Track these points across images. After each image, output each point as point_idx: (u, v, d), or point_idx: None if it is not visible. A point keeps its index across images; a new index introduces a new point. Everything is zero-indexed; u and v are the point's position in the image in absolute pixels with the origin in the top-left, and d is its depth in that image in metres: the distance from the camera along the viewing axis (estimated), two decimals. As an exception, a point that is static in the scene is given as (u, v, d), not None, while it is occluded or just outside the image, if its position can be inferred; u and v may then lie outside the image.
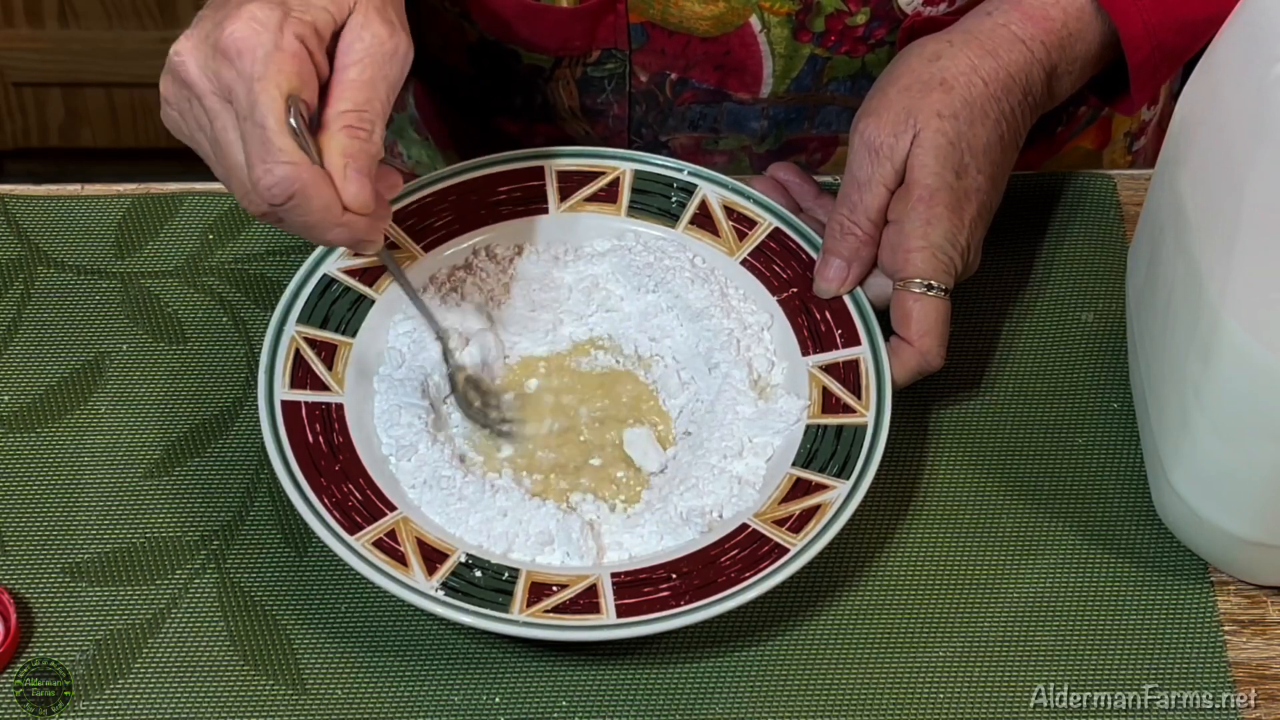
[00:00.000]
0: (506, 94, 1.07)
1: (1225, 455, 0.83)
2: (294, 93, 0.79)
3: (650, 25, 1.00)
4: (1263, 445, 0.81)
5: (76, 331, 0.96)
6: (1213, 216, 0.80)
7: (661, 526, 0.86)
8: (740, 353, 0.92)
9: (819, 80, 1.02)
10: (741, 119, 1.05)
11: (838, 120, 1.05)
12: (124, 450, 0.92)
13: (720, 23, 0.99)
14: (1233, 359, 0.79)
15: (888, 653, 0.86)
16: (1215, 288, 0.79)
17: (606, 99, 1.05)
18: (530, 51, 1.03)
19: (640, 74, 1.03)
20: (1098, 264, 1.00)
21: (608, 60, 1.02)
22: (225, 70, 0.79)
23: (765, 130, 1.05)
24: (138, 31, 2.03)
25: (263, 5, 0.80)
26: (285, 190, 0.79)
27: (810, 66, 1.01)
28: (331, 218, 0.81)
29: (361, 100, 0.81)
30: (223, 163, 0.82)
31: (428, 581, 0.83)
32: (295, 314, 0.92)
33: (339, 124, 0.81)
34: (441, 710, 0.84)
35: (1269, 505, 0.83)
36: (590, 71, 1.03)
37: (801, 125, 1.05)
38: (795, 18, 0.98)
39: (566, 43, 1.02)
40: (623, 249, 0.96)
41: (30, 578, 0.87)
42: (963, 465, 0.92)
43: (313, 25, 0.80)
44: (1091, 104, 1.10)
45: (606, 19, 1.00)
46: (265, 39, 0.79)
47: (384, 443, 0.89)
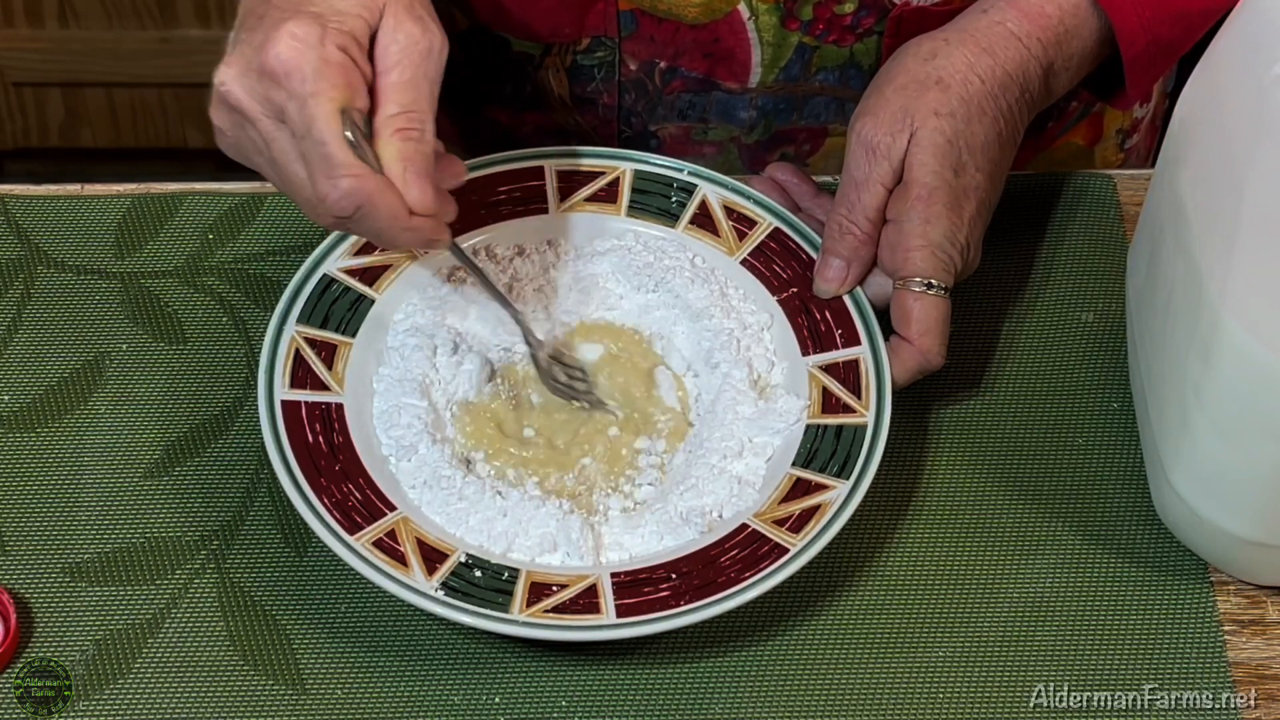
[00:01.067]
0: (496, 82, 1.07)
1: (1225, 455, 0.83)
2: (346, 104, 0.80)
3: (640, 12, 1.00)
4: (1263, 445, 0.81)
5: (76, 331, 0.96)
6: (1213, 216, 0.80)
7: (661, 526, 0.86)
8: (740, 353, 0.92)
9: (807, 70, 1.02)
10: (730, 109, 1.05)
11: (826, 111, 1.05)
12: (124, 450, 0.92)
13: (709, 9, 0.99)
14: (1233, 359, 0.79)
15: (888, 653, 0.86)
16: (1215, 287, 0.79)
17: (596, 87, 1.05)
18: (520, 39, 1.04)
19: (629, 62, 1.03)
20: (1098, 264, 1.00)
21: (597, 48, 1.03)
22: (275, 92, 0.80)
23: (754, 121, 1.05)
24: (138, 31, 2.03)
25: (299, 22, 0.80)
26: (352, 203, 0.80)
27: (798, 56, 1.01)
28: (400, 223, 0.82)
29: (408, 101, 0.82)
30: (286, 182, 0.83)
31: (428, 581, 0.83)
32: (295, 314, 0.92)
33: (390, 129, 0.82)
34: (441, 710, 0.84)
35: (1269, 505, 0.83)
36: (580, 59, 1.04)
37: (790, 116, 1.05)
38: (783, 5, 0.98)
39: (557, 29, 1.02)
40: (623, 249, 0.96)
41: (30, 578, 0.87)
42: (963, 465, 0.92)
43: (351, 34, 0.81)
44: (1083, 99, 1.10)
45: (596, 6, 1.00)
46: (310, 56, 0.80)
47: (383, 443, 0.89)
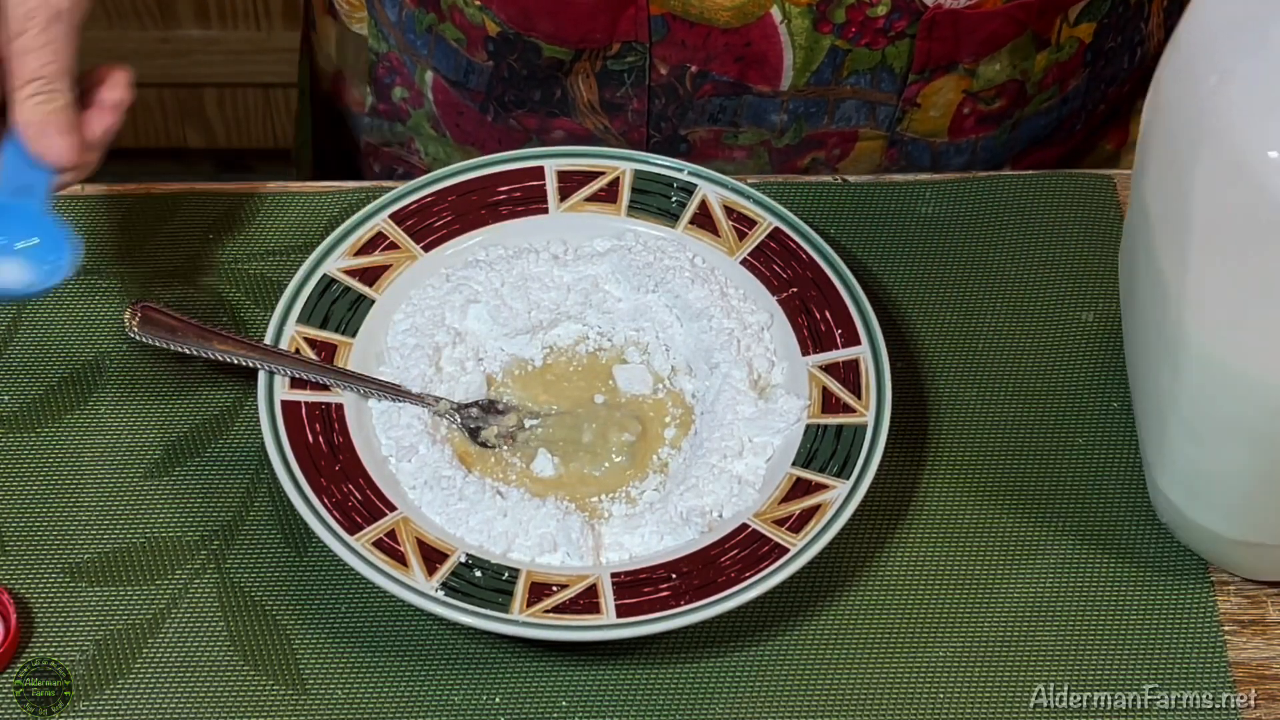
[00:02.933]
0: (525, 88, 1.07)
1: (1202, 460, 0.83)
2: None
3: (671, 17, 1.00)
4: (1234, 450, 0.81)
5: (76, 331, 0.96)
6: (1171, 225, 0.81)
7: (661, 526, 0.86)
8: (740, 353, 0.92)
9: (838, 73, 1.02)
10: (761, 112, 1.05)
11: (857, 115, 1.05)
12: (124, 450, 0.92)
13: (741, 14, 0.99)
14: (1200, 367, 0.80)
15: (888, 653, 0.86)
16: (1176, 295, 0.80)
17: (626, 92, 1.05)
18: (550, 44, 1.03)
19: (660, 66, 1.03)
20: (1098, 264, 1.00)
21: (628, 53, 1.02)
22: None
23: (785, 124, 1.05)
24: (138, 31, 2.03)
25: None
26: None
27: (830, 59, 1.01)
28: None
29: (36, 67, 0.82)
30: None
31: (428, 582, 0.83)
32: (295, 314, 0.92)
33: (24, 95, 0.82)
34: (441, 710, 0.84)
35: (1249, 506, 0.83)
36: (610, 65, 1.03)
37: (821, 120, 1.05)
38: (816, 8, 0.98)
39: (587, 35, 1.02)
40: (623, 249, 0.96)
41: (30, 578, 0.87)
42: (963, 465, 0.92)
43: None
44: (1110, 99, 1.10)
45: (628, 11, 1.00)
46: None
47: (383, 443, 0.89)
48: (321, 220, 1.01)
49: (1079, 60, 1.06)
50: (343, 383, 0.90)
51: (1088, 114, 1.10)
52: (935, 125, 1.06)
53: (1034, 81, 1.05)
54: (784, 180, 1.04)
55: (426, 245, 0.95)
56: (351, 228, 0.95)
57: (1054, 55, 1.04)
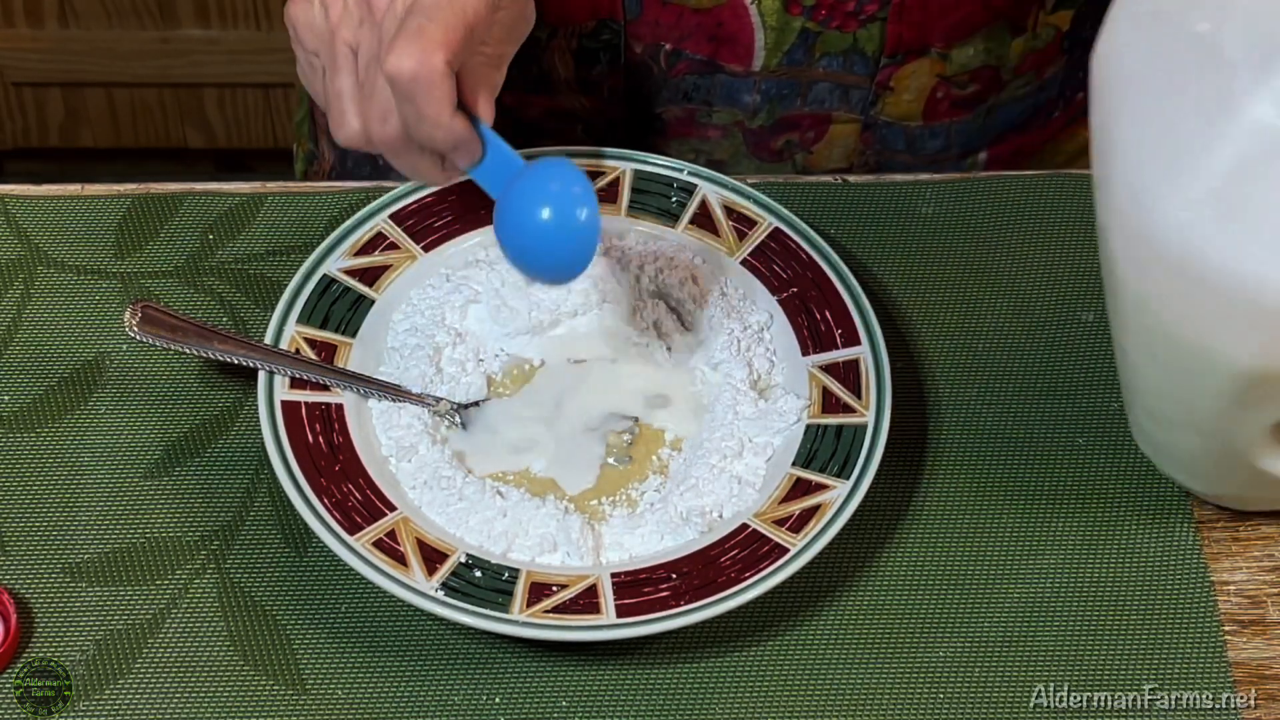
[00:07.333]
0: None
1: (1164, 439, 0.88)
2: None
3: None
4: (1187, 436, 0.84)
5: (76, 331, 0.96)
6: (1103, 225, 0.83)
7: (661, 526, 0.86)
8: (740, 353, 0.92)
9: (811, 55, 1.02)
10: (734, 92, 1.05)
11: (830, 97, 1.05)
12: (124, 450, 0.92)
13: None
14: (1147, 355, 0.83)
15: (888, 653, 0.86)
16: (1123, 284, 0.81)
17: (602, 70, 1.05)
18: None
19: (635, 45, 1.03)
20: (1097, 264, 1.00)
21: (603, 31, 1.03)
22: None
23: (758, 105, 1.05)
24: (138, 31, 2.03)
25: None
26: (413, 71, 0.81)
27: (801, 40, 1.01)
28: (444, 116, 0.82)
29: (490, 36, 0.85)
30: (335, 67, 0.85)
31: (428, 582, 0.83)
32: (295, 314, 0.92)
33: None
34: (441, 710, 0.84)
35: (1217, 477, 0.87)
36: (585, 42, 1.04)
37: (794, 102, 1.05)
38: None
39: (565, 13, 1.02)
40: (622, 249, 0.96)
41: (30, 578, 0.87)
42: (963, 465, 0.92)
43: None
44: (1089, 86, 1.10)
45: None
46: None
47: (383, 443, 0.89)
48: (321, 220, 1.01)
49: (1056, 47, 1.06)
50: (343, 383, 0.90)
51: (1066, 101, 1.10)
52: (909, 109, 1.06)
53: (1009, 67, 1.05)
54: (784, 180, 1.04)
55: (426, 245, 0.95)
56: (351, 228, 0.95)
57: (1031, 42, 1.04)
